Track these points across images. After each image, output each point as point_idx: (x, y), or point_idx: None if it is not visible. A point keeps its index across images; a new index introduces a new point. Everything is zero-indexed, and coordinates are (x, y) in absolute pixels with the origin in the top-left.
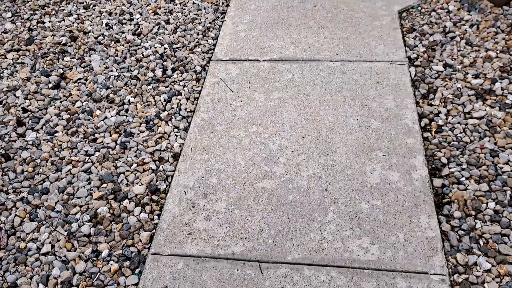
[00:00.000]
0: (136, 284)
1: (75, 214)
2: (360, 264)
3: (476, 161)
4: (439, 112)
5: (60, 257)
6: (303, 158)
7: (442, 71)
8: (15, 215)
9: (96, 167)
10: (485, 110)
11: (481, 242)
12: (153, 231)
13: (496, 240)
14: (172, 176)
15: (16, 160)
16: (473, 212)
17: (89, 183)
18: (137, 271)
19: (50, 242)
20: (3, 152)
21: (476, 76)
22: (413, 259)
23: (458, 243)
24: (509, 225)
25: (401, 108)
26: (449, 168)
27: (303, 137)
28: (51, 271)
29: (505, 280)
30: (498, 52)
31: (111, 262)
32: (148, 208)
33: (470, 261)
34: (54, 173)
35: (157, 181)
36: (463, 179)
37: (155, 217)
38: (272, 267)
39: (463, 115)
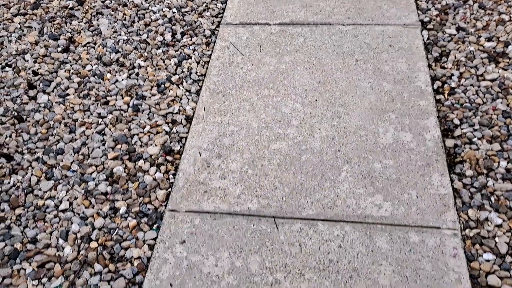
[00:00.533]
0: (155, 239)
1: (91, 173)
2: (373, 219)
3: (488, 122)
4: (452, 74)
5: (79, 214)
6: (315, 121)
7: (455, 34)
8: (32, 174)
9: (110, 129)
10: (498, 72)
11: (492, 199)
12: (169, 189)
13: (508, 197)
14: (185, 138)
15: (29, 122)
16: (485, 171)
17: (104, 144)
18: (155, 226)
19: (68, 200)
20: (16, 114)
21: (489, 39)
22: (426, 215)
23: (470, 200)
24: None
25: (413, 71)
26: (462, 129)
27: (316, 100)
28: (70, 226)
29: None
30: (511, 15)
31: (129, 218)
32: (163, 168)
33: (482, 216)
34: (68, 134)
35: (171, 142)
36: (475, 139)
37: (171, 176)
38: (287, 222)
39: (476, 78)
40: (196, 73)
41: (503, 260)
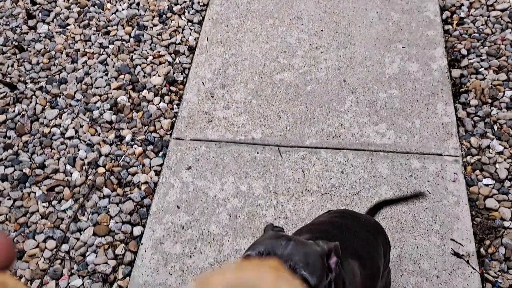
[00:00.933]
0: (161, 165)
1: (95, 102)
2: (376, 147)
3: (496, 52)
4: (462, 4)
5: (85, 141)
6: (321, 51)
7: None
8: (36, 103)
9: (112, 59)
10: (509, 2)
11: (495, 127)
12: (174, 119)
13: (511, 126)
14: (189, 68)
15: (30, 52)
16: (489, 100)
17: (106, 74)
18: (160, 154)
19: (73, 128)
20: (16, 43)
21: None
22: (428, 142)
23: (473, 128)
24: None
25: (422, 0)
26: (469, 59)
27: (322, 30)
28: (77, 153)
29: None
30: None
31: (135, 146)
32: (167, 98)
33: (484, 144)
34: (70, 64)
35: (174, 73)
36: (482, 69)
37: (175, 106)
38: (290, 150)
39: (486, 8)
40: (198, 2)
41: (502, 184)
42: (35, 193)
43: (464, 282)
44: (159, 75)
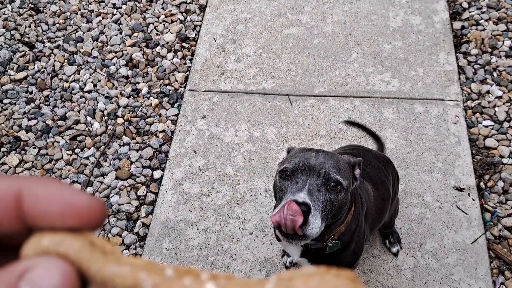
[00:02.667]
0: (177, 115)
1: (111, 59)
2: (381, 94)
3: (496, 4)
4: None
5: (103, 94)
6: (328, 7)
7: None
8: (54, 60)
9: (125, 19)
10: None
11: (495, 74)
12: (187, 72)
13: (510, 72)
14: (200, 26)
15: (46, 13)
16: (489, 49)
17: (121, 33)
18: (176, 105)
19: (91, 82)
20: (32, 5)
21: None
22: (431, 88)
23: (473, 75)
24: None
25: None
26: (469, 12)
27: None
28: (97, 105)
29: None
30: None
31: (151, 98)
32: (180, 54)
33: (483, 89)
34: (86, 24)
35: (186, 30)
36: (482, 21)
37: (187, 61)
38: (300, 99)
39: None
40: None
41: (501, 126)
42: (58, 142)
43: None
44: (171, 33)
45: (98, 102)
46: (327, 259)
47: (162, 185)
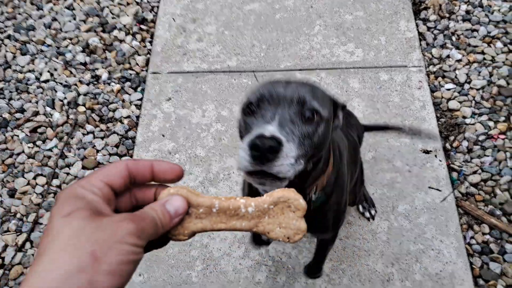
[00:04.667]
0: (141, 99)
1: (67, 46)
2: (346, 65)
3: None
4: None
5: (61, 83)
6: None
7: None
8: (6, 51)
9: (78, 4)
10: None
11: (453, 38)
12: (148, 55)
13: (467, 35)
14: (157, 6)
15: None
16: (447, 15)
17: (74, 18)
18: (139, 89)
19: (48, 71)
20: None
21: None
22: (394, 56)
23: (433, 41)
24: (478, 22)
25: None
26: None
27: None
28: (55, 94)
29: (474, 66)
30: None
31: (112, 83)
32: (138, 36)
33: (444, 54)
34: (36, 11)
35: (143, 11)
36: None
37: (147, 44)
38: (266, 75)
39: None
40: None
41: (462, 87)
42: (18, 135)
43: (433, 173)
44: (127, 15)
45: (56, 92)
46: (312, 221)
47: None
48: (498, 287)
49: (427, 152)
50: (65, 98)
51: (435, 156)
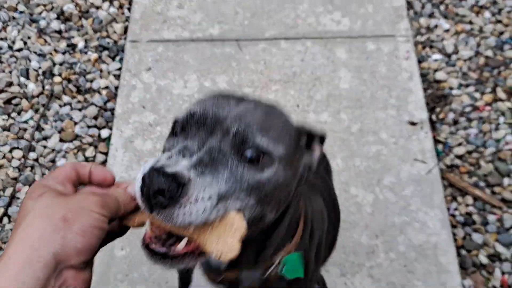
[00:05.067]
0: (119, 69)
1: (40, 13)
2: (333, 34)
3: None
4: None
5: (36, 52)
6: None
7: None
8: None
9: None
10: None
11: (442, 7)
12: (126, 22)
13: (455, 4)
14: None
15: None
16: None
17: None
18: (117, 58)
19: (21, 39)
20: None
21: None
22: (381, 26)
23: (421, 10)
24: None
25: None
26: None
27: None
28: (30, 64)
29: (461, 36)
30: None
31: (89, 52)
32: (116, 3)
33: (432, 23)
34: None
35: None
36: None
37: (126, 10)
38: (250, 44)
39: None
40: None
41: (450, 58)
42: None
43: (419, 146)
44: None
45: (30, 61)
46: None
47: (112, 144)
48: (480, 256)
49: (413, 124)
50: (40, 68)
51: (421, 128)
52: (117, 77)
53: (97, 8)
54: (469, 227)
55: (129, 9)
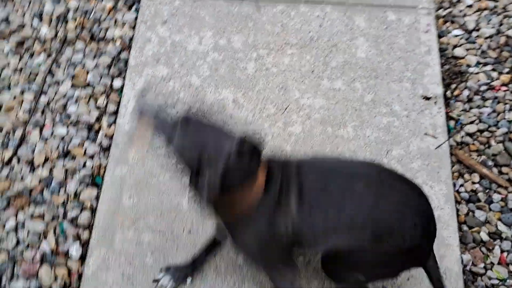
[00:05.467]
0: (135, 20)
1: None
2: (354, 1)
3: None
4: None
5: None
6: None
7: None
8: None
9: None
10: None
11: None
12: None
13: None
14: None
15: None
16: None
17: None
18: (133, 8)
19: None
20: None
21: None
22: None
23: None
24: None
25: None
26: None
27: None
28: (43, 8)
29: (484, 13)
30: None
31: (104, 0)
32: None
33: None
34: None
35: None
36: None
37: None
38: (268, 5)
39: None
40: None
41: (470, 35)
42: (2, 49)
43: (431, 120)
44: None
45: (44, 4)
46: None
47: (124, 95)
48: (481, 233)
49: (427, 98)
50: (54, 11)
51: (435, 103)
52: (132, 27)
53: None
54: (473, 204)
55: None
